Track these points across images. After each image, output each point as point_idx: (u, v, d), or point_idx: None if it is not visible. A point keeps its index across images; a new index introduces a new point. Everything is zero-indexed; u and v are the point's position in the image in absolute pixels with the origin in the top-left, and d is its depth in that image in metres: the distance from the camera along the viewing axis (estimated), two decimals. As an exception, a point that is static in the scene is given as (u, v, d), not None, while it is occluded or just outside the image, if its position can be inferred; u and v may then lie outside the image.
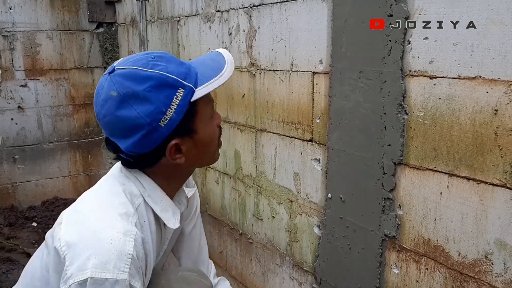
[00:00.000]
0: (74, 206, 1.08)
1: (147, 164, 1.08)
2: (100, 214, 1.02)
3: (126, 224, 1.01)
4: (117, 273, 0.94)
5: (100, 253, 0.94)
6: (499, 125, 1.14)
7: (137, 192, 1.07)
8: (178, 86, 0.99)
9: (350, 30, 1.55)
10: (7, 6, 3.42)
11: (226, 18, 2.30)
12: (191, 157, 1.08)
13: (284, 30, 1.89)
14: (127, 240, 0.98)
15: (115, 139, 1.03)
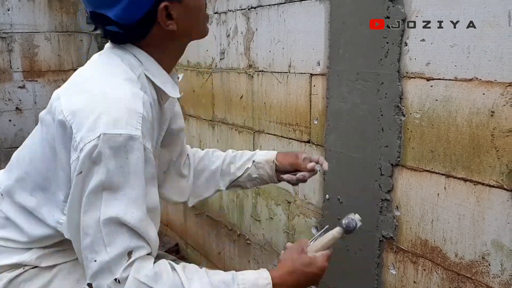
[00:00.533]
0: (72, 81, 1.05)
1: (138, 34, 1.05)
2: (105, 80, 1.01)
3: (132, 87, 1.00)
4: (130, 129, 0.92)
5: (110, 111, 0.92)
6: (495, 126, 1.15)
7: (136, 64, 1.05)
8: None
9: (348, 32, 1.56)
10: (5, 8, 3.42)
11: (224, 20, 2.30)
12: (182, 24, 1.05)
13: (282, 32, 1.89)
14: (136, 100, 0.96)
15: (103, 10, 0.99)
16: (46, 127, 1.03)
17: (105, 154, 0.90)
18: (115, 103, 0.94)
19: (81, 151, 0.91)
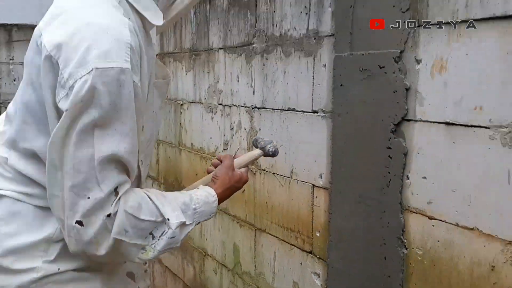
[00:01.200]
0: (51, 14, 0.99)
1: None
2: (87, 7, 0.95)
3: (117, 14, 0.95)
4: (121, 62, 0.89)
5: (99, 43, 0.88)
6: (496, 281, 1.16)
7: None
8: None
9: (351, 154, 1.59)
10: (11, 78, 3.48)
11: (228, 113, 2.35)
12: None
13: (285, 137, 1.93)
14: (123, 28, 0.92)
15: None
16: (36, 68, 0.98)
17: (98, 90, 0.88)
18: (102, 33, 0.90)
19: (70, 88, 0.88)
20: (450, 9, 1.27)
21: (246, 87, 2.18)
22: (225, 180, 1.24)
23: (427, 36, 1.34)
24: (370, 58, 1.51)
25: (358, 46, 1.56)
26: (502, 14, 1.15)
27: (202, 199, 1.15)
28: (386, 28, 1.45)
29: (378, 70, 1.49)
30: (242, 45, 2.19)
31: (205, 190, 1.19)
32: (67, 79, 0.89)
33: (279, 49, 1.95)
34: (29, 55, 1.03)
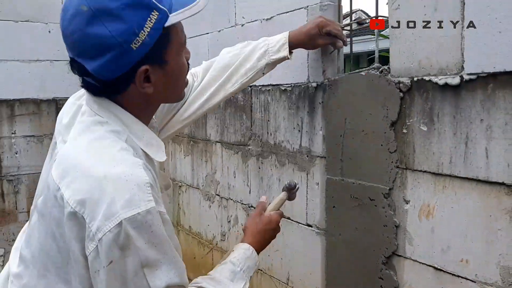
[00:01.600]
0: (65, 165, 0.99)
1: (114, 91, 1.01)
2: (99, 158, 0.96)
3: (128, 157, 0.97)
4: (145, 204, 0.91)
5: (121, 193, 0.90)
6: None
7: (120, 129, 1.02)
8: (153, 8, 0.94)
9: (344, 276, 1.62)
10: (13, 151, 3.54)
11: (225, 205, 2.39)
12: (159, 88, 1.03)
13: (280, 243, 1.96)
14: (139, 170, 0.94)
15: (82, 60, 0.96)
16: (55, 220, 0.99)
17: (131, 236, 0.90)
18: (122, 183, 0.91)
19: (100, 240, 0.90)
20: (435, 161, 1.32)
21: (242, 184, 2.23)
22: (254, 227, 1.30)
23: (414, 180, 1.39)
24: (361, 188, 1.56)
25: (349, 174, 1.61)
26: (484, 179, 1.20)
27: (242, 257, 1.21)
28: (375, 164, 1.50)
29: (369, 202, 1.54)
30: (238, 144, 2.25)
31: (239, 248, 1.25)
32: (95, 232, 0.91)
33: (273, 157, 2.00)
34: (46, 206, 1.03)
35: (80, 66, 0.96)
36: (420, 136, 1.36)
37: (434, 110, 1.31)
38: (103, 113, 1.02)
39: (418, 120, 1.36)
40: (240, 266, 1.19)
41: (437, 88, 1.29)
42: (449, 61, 1.25)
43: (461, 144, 1.25)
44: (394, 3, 1.38)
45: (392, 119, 1.43)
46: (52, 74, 3.59)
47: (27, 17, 3.49)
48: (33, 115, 3.57)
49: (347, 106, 1.60)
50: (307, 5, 1.73)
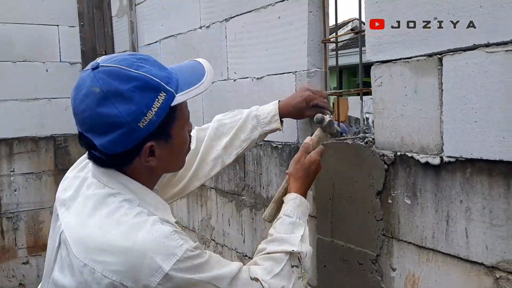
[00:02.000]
0: (85, 245, 1.03)
1: (120, 163, 1.07)
2: (122, 228, 1.01)
3: (146, 217, 1.02)
4: (179, 248, 0.98)
5: (155, 251, 0.96)
6: None
7: (131, 197, 1.07)
8: (161, 89, 1.01)
9: None
10: (12, 189, 3.59)
11: (220, 251, 2.43)
12: (163, 161, 1.09)
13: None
14: (160, 225, 1.01)
15: (91, 135, 1.01)
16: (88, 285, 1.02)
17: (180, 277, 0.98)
18: (152, 241, 0.98)
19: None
20: (419, 234, 1.36)
21: (237, 233, 2.27)
22: (295, 173, 1.42)
23: (400, 250, 1.43)
24: (350, 251, 1.60)
25: (339, 236, 1.65)
26: (465, 257, 1.24)
27: (294, 207, 1.35)
28: (362, 229, 1.54)
29: (358, 266, 1.58)
30: (232, 193, 2.29)
31: (288, 200, 1.37)
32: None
33: (266, 210, 2.04)
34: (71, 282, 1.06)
35: (88, 140, 1.01)
36: (404, 208, 1.40)
37: (417, 185, 1.35)
38: (113, 185, 1.07)
39: (402, 193, 1.40)
40: (295, 215, 1.32)
41: (419, 165, 1.34)
42: (429, 141, 1.29)
43: (442, 221, 1.29)
44: (376, 80, 1.43)
45: (377, 189, 1.48)
46: (50, 111, 3.66)
47: (25, 57, 3.55)
48: (31, 152, 3.63)
49: (335, 171, 1.64)
50: (295, 70, 1.78)
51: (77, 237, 1.05)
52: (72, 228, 1.07)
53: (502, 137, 1.12)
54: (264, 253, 1.25)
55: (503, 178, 1.14)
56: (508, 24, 1.08)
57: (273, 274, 1.18)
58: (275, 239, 1.27)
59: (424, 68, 1.28)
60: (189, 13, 2.52)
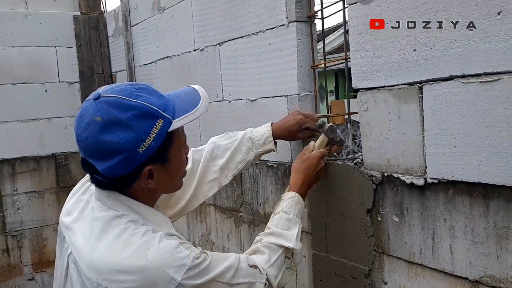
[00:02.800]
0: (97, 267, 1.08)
1: (121, 185, 1.13)
2: (132, 249, 1.07)
3: (153, 235, 1.09)
4: (187, 258, 1.07)
5: (166, 265, 1.05)
6: None
7: (136, 217, 1.13)
8: (158, 116, 1.07)
9: None
10: (16, 208, 3.66)
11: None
12: (161, 182, 1.15)
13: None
14: (166, 241, 1.09)
15: (93, 161, 1.07)
16: None
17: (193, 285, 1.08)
18: (162, 257, 1.06)
19: None
20: (407, 250, 1.44)
21: (236, 248, 2.34)
22: (296, 165, 1.57)
23: (390, 265, 1.51)
24: (344, 266, 1.68)
25: (333, 251, 1.73)
26: (451, 272, 1.32)
27: (292, 204, 1.46)
28: (355, 245, 1.62)
29: (351, 280, 1.65)
30: (231, 210, 2.37)
31: (287, 197, 1.49)
32: None
33: (264, 226, 2.11)
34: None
35: (91, 165, 1.08)
36: (393, 225, 1.48)
37: (404, 204, 1.43)
38: (117, 207, 1.14)
39: (390, 211, 1.48)
40: (292, 212, 1.44)
41: (405, 185, 1.42)
42: (414, 164, 1.37)
43: (428, 238, 1.37)
44: (362, 105, 1.51)
45: (367, 207, 1.55)
46: (50, 131, 3.73)
47: (24, 78, 3.63)
48: (33, 171, 3.70)
49: (327, 190, 1.72)
50: (287, 94, 1.86)
51: (88, 260, 1.11)
52: (81, 251, 1.14)
53: (480, 161, 1.20)
54: (263, 243, 1.36)
55: (482, 198, 1.22)
56: (481, 58, 1.16)
57: (270, 263, 1.30)
58: (273, 232, 1.39)
59: (406, 96, 1.36)
60: (183, 36, 2.60)
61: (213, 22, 2.29)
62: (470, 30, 1.18)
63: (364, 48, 1.47)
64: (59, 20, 3.74)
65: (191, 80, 2.56)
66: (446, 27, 1.24)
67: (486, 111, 1.16)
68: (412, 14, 1.31)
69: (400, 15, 1.35)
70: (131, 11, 3.24)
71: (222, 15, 2.21)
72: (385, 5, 1.39)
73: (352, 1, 1.49)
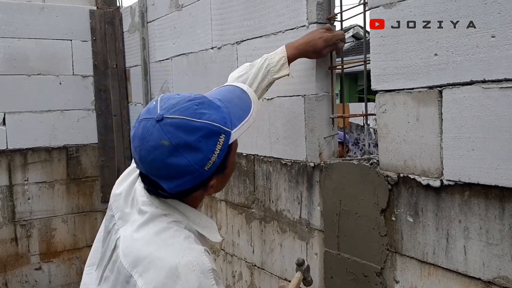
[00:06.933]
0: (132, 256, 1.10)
1: (181, 196, 1.14)
2: (168, 249, 1.07)
3: (193, 246, 1.08)
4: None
5: (191, 284, 1.02)
6: None
7: (180, 218, 1.14)
8: (221, 132, 1.08)
9: None
10: (26, 197, 3.70)
11: (230, 261, 2.54)
12: (216, 188, 1.19)
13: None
14: (203, 258, 1.05)
15: (158, 180, 1.09)
16: None
17: None
18: (191, 273, 1.03)
19: None
20: (420, 249, 1.47)
21: (246, 244, 2.38)
22: None
23: (403, 264, 1.54)
24: (356, 264, 1.71)
25: (345, 249, 1.76)
26: (464, 273, 1.35)
27: None
28: (367, 244, 1.65)
29: (363, 278, 1.69)
30: (242, 206, 2.40)
31: None
32: None
33: (275, 223, 2.15)
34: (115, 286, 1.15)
35: (155, 183, 1.10)
36: (407, 225, 1.51)
37: (419, 205, 1.47)
38: (164, 207, 1.15)
39: (405, 211, 1.51)
40: None
41: (421, 186, 1.45)
42: (430, 165, 1.41)
43: (442, 239, 1.40)
44: (381, 107, 1.54)
45: (382, 207, 1.59)
46: (62, 123, 3.77)
47: (39, 70, 3.67)
48: (44, 162, 3.74)
49: (342, 189, 1.75)
50: (304, 94, 1.89)
51: (127, 248, 1.13)
52: (125, 240, 1.16)
53: (497, 164, 1.23)
54: None
55: (498, 201, 1.25)
56: (502, 64, 1.19)
57: None
58: None
59: (425, 99, 1.39)
60: (200, 34, 2.64)
61: (232, 21, 2.33)
62: (493, 37, 1.21)
63: (385, 51, 1.51)
64: (75, 13, 3.79)
65: (207, 78, 2.59)
66: (468, 33, 1.27)
67: (506, 116, 1.19)
68: (435, 19, 1.34)
69: (423, 20, 1.38)
70: (148, 8, 3.28)
71: (241, 14, 2.25)
72: (408, 10, 1.42)
73: (374, 5, 1.53)
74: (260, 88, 1.67)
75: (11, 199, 3.66)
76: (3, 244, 3.65)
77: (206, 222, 1.21)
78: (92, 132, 3.90)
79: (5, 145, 3.60)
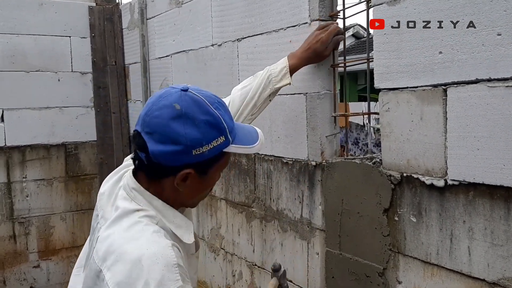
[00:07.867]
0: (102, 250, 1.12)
1: (155, 174, 1.15)
2: (134, 242, 1.08)
3: (160, 240, 1.09)
4: (174, 284, 1.03)
5: (153, 276, 1.03)
6: None
7: (153, 213, 1.14)
8: (223, 134, 1.13)
9: None
10: (24, 195, 3.68)
11: (230, 260, 2.52)
12: (189, 190, 1.16)
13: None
14: (169, 252, 1.06)
15: (147, 138, 1.10)
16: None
17: None
18: (154, 265, 1.03)
19: None
20: (424, 250, 1.46)
21: (246, 243, 2.36)
22: None
23: (406, 264, 1.53)
24: (358, 264, 1.70)
25: (347, 249, 1.75)
26: (468, 274, 1.34)
27: None
28: (370, 244, 1.64)
29: (365, 278, 1.67)
30: (242, 204, 2.38)
31: None
32: None
33: (276, 222, 2.13)
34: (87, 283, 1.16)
35: (142, 142, 1.11)
36: (410, 226, 1.49)
37: (422, 205, 1.45)
38: (139, 201, 1.16)
39: (408, 211, 1.50)
40: None
41: (424, 186, 1.43)
42: (434, 165, 1.39)
43: (446, 239, 1.39)
44: (384, 105, 1.52)
45: (384, 206, 1.57)
46: (61, 120, 3.75)
47: (38, 67, 3.64)
48: (43, 159, 3.72)
49: (344, 188, 1.74)
50: (306, 92, 1.87)
51: (100, 244, 1.14)
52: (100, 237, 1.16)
53: (503, 164, 1.21)
54: None
55: (503, 201, 1.23)
56: (508, 62, 1.18)
57: None
58: None
59: (429, 97, 1.37)
60: (201, 31, 2.61)
61: (233, 18, 2.31)
62: (499, 35, 1.20)
63: (388, 49, 1.49)
64: (74, 10, 3.76)
65: (207, 75, 2.57)
66: (473, 31, 1.25)
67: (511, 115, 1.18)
68: (439, 17, 1.33)
69: (427, 18, 1.36)
70: (147, 4, 3.25)
71: (242, 11, 2.23)
72: (412, 7, 1.40)
73: (378, 2, 1.51)
74: (262, 97, 1.72)
75: (9, 196, 3.64)
76: (1, 242, 3.63)
77: (182, 222, 1.21)
78: (91, 129, 3.87)
79: (4, 142, 3.58)
